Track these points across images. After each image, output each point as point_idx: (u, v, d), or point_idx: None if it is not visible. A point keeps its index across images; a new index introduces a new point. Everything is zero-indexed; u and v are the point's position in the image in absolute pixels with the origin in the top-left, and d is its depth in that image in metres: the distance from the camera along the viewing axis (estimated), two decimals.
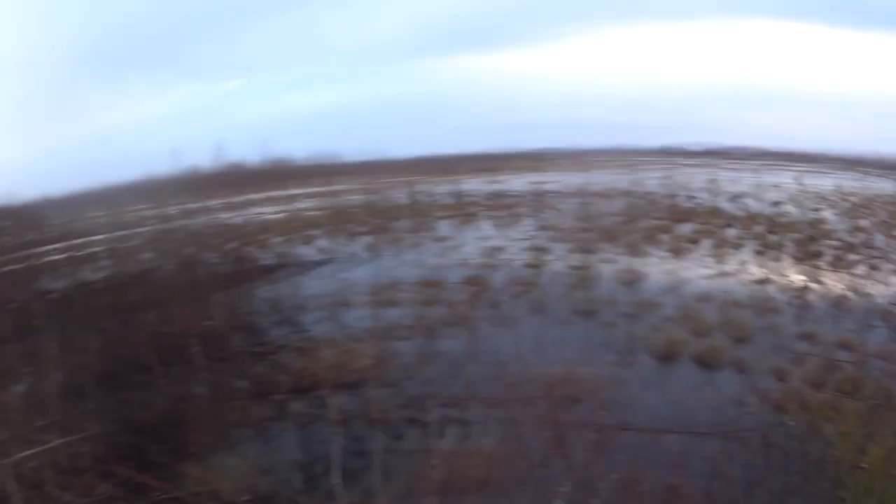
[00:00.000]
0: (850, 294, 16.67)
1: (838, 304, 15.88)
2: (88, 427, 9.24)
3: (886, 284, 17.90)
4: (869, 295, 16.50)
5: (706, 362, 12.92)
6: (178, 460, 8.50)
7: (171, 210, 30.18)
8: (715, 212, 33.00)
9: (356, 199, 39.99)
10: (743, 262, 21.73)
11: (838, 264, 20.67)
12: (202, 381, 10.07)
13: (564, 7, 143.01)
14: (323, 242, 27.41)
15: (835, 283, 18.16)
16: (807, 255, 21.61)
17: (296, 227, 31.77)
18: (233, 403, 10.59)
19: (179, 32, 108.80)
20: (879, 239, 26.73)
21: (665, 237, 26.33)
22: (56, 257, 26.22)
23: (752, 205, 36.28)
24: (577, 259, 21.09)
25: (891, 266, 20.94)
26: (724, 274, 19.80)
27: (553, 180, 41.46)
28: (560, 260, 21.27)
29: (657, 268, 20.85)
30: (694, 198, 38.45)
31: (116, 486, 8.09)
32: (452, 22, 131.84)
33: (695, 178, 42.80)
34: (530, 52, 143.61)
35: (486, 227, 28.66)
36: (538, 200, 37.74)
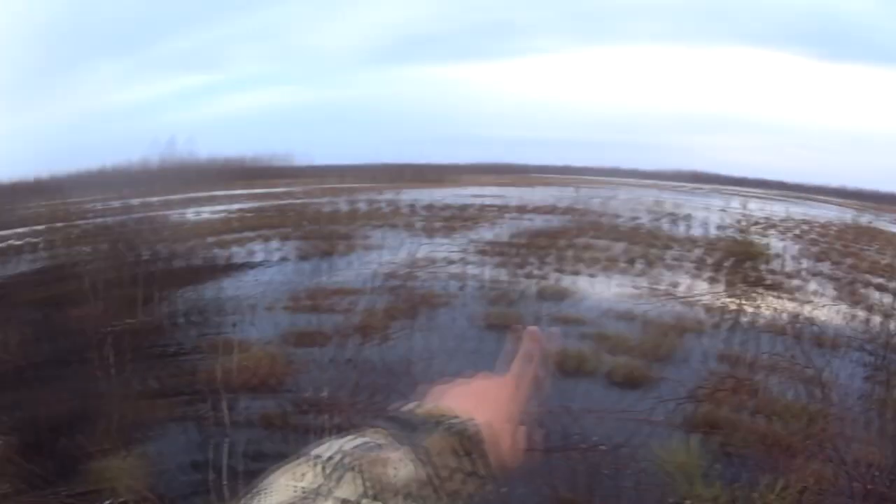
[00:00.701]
0: (781, 317, 16.84)
1: (768, 327, 16.01)
2: None
3: (821, 308, 18.23)
4: (802, 318, 16.44)
5: (618, 380, 13.12)
6: (82, 457, 8.63)
7: (114, 204, 30.07)
8: (655, 233, 33.55)
9: (297, 202, 40.10)
10: (676, 283, 22.12)
11: (774, 287, 21.04)
12: (114, 379, 10.20)
13: (527, 24, 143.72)
14: (256, 245, 27.50)
15: (768, 305, 18.40)
16: (744, 278, 21.56)
17: (233, 227, 31.80)
18: (141, 403, 10.69)
19: (147, 22, 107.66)
20: (818, 265, 27.48)
21: (599, 255, 26.69)
22: None
23: (695, 228, 36.91)
24: (503, 273, 21.33)
25: (827, 290, 21.68)
26: (654, 294, 20.02)
27: (495, 195, 41.76)
28: (487, 273, 21.45)
29: (585, 285, 21.20)
30: (636, 218, 38.98)
31: (18, 481, 8.22)
32: (418, 31, 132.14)
33: (640, 199, 43.40)
34: (489, 66, 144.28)
35: (419, 238, 28.75)
36: (476, 214, 38.08)
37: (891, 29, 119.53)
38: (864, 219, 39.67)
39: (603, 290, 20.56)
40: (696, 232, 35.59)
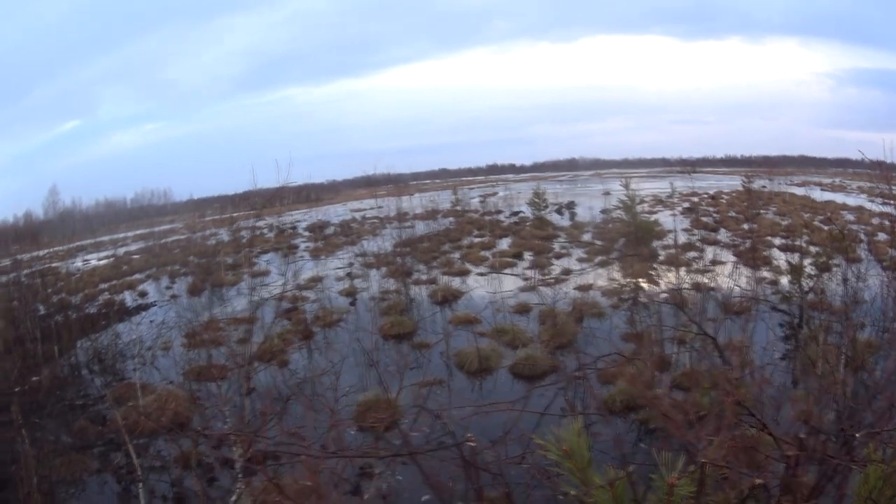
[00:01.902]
0: (682, 291, 16.57)
1: (668, 301, 15.39)
2: None
3: (722, 279, 18.38)
4: (703, 288, 16.90)
5: (522, 373, 13.60)
6: None
7: (3, 262, 29.73)
8: (539, 224, 34.23)
9: (181, 238, 39.97)
10: (567, 270, 22.72)
11: (670, 262, 21.34)
12: (27, 440, 10.36)
13: (384, 37, 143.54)
14: (147, 286, 27.54)
15: (667, 280, 18.56)
16: (637, 257, 22.28)
17: (122, 271, 31.69)
18: (57, 461, 10.90)
19: (9, 75, 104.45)
20: (712, 234, 28.65)
21: (486, 253, 27.45)
22: None
23: (579, 214, 37.70)
24: (392, 283, 21.74)
25: (727, 257, 22.21)
26: (545, 283, 20.39)
27: (374, 207, 42.07)
28: (376, 285, 21.84)
29: (475, 284, 21.89)
30: (518, 212, 39.65)
31: None
32: (277, 54, 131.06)
33: (521, 193, 44.37)
34: (352, 82, 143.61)
35: (305, 258, 29.22)
36: (358, 228, 38.41)
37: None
38: (757, 184, 40.19)
39: (494, 286, 20.95)
40: (582, 217, 36.58)
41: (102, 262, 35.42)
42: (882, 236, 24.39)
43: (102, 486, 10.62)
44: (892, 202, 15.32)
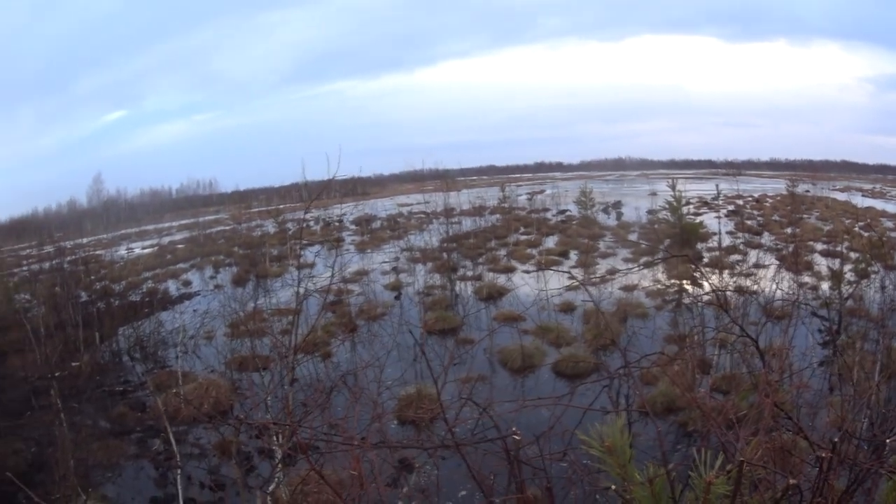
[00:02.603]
0: (726, 294, 15.89)
1: (712, 304, 15.27)
2: None
3: (764, 282, 17.56)
4: (747, 292, 16.28)
5: (565, 372, 13.34)
6: None
7: (48, 248, 29.83)
8: (585, 223, 33.82)
9: (226, 229, 39.98)
10: (613, 270, 21.85)
11: (714, 264, 21.10)
12: (66, 425, 10.24)
13: (437, 31, 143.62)
14: (190, 275, 27.49)
15: (713, 283, 17.64)
16: (683, 258, 21.15)
17: (166, 260, 31.71)
18: (95, 445, 10.83)
19: (61, 63, 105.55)
20: (756, 237, 27.85)
21: (531, 251, 27.07)
22: None
23: (626, 214, 37.23)
24: (438, 278, 21.43)
25: (770, 261, 21.43)
26: (592, 283, 19.41)
27: (421, 202, 41.84)
28: (421, 280, 21.53)
29: (520, 281, 21.32)
30: (565, 211, 39.28)
31: None
32: (329, 49, 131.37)
33: (567, 192, 43.69)
34: (405, 76, 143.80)
35: (351, 252, 28.91)
36: (404, 222, 38.18)
37: (800, 2, 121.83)
38: (801, 188, 39.84)
39: (539, 284, 20.25)
40: (628, 217, 36.08)
41: (146, 251, 35.57)
42: None
43: (139, 472, 10.52)
44: None
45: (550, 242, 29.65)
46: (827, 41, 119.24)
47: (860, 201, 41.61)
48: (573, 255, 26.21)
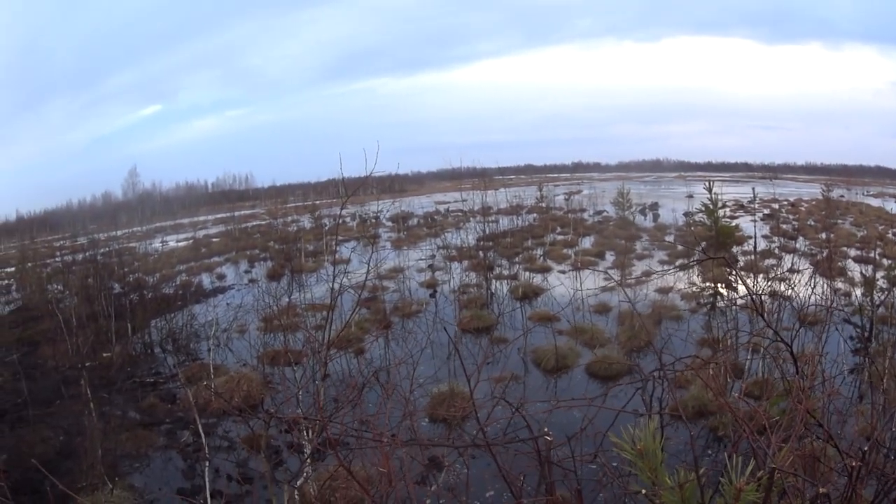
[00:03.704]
0: (758, 297, 15.69)
1: (746, 307, 15.58)
2: None
3: (798, 287, 17.20)
4: (780, 296, 16.06)
5: (598, 373, 13.14)
6: (70, 494, 8.65)
7: (81, 240, 29.94)
8: (622, 224, 33.56)
9: (261, 223, 40.03)
10: (648, 272, 21.75)
11: (749, 268, 20.49)
12: (95, 414, 10.18)
13: (471, 30, 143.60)
14: (225, 269, 27.52)
15: (745, 286, 17.21)
16: (717, 261, 20.98)
17: (200, 253, 31.77)
18: (123, 435, 10.75)
19: (96, 58, 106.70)
20: (791, 242, 27.37)
21: (567, 251, 26.83)
22: None
23: (662, 216, 36.98)
24: (474, 277, 21.25)
25: (804, 266, 21.19)
26: (627, 284, 19.64)
27: (458, 200, 41.75)
28: (457, 278, 21.41)
29: (556, 281, 21.16)
30: (602, 211, 39.04)
31: None
32: (363, 46, 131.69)
33: (604, 193, 43.35)
34: (438, 74, 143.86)
35: (387, 248, 28.83)
36: (441, 220, 38.06)
37: (832, 5, 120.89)
38: (835, 193, 39.54)
39: (575, 284, 20.03)
40: (665, 219, 35.82)
41: (181, 244, 35.69)
42: None
43: (167, 463, 10.41)
44: None
45: (587, 243, 29.47)
46: (861, 45, 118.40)
47: (894, 207, 41.22)
48: (609, 256, 25.99)
